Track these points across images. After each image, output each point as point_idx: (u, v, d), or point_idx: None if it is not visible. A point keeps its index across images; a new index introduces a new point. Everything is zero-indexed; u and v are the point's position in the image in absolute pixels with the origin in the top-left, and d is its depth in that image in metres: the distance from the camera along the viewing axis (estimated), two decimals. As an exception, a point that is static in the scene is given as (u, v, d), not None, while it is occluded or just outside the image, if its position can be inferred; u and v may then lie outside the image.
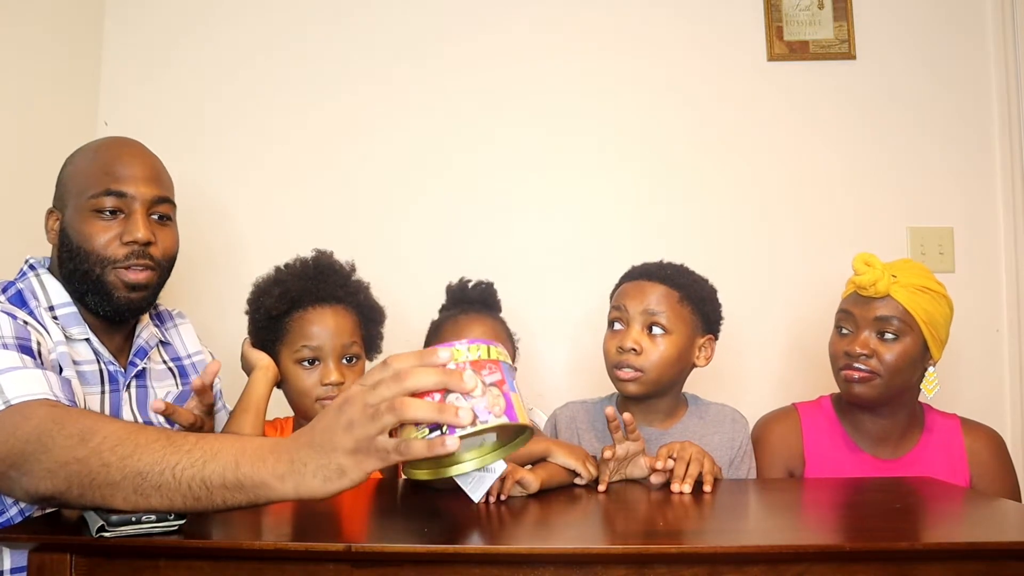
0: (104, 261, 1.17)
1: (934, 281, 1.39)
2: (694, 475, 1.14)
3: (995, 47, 1.93)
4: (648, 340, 1.33)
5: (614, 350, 1.35)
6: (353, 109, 1.93)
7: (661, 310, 1.33)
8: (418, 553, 0.80)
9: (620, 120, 1.94)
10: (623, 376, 1.33)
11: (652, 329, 1.33)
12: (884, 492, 1.17)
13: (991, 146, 1.92)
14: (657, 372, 1.32)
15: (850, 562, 0.82)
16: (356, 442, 0.74)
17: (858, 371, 1.35)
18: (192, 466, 0.79)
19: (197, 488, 0.78)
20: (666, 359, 1.33)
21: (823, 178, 1.92)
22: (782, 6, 1.94)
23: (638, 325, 1.34)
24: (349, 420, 0.74)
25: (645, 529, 0.98)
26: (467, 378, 0.74)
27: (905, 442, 1.41)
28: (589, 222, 1.93)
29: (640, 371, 1.32)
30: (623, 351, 1.33)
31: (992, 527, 1.00)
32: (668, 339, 1.33)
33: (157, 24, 1.95)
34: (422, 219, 1.91)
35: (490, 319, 1.37)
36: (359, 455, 0.74)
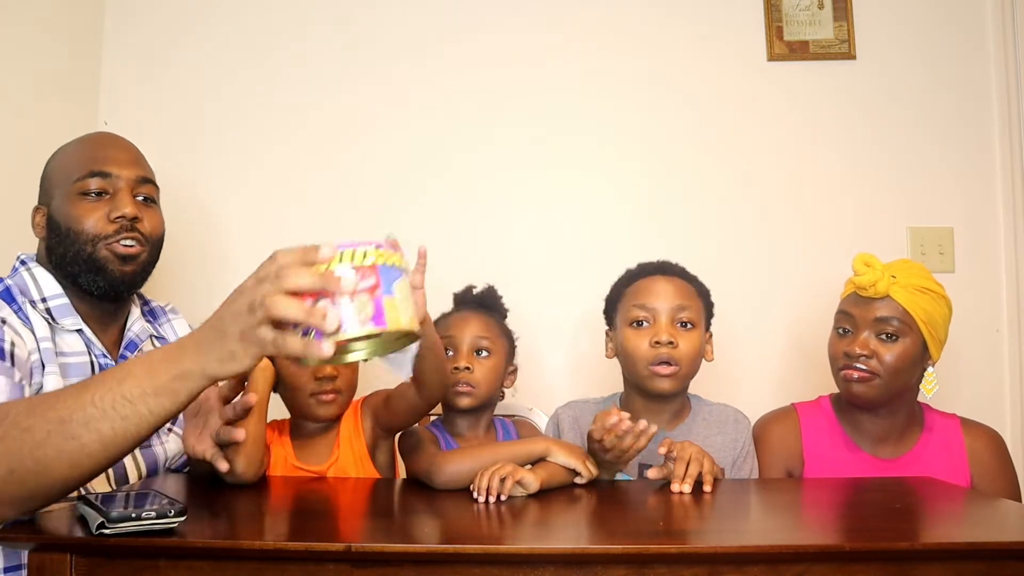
0: (95, 239, 1.19)
1: (933, 281, 1.39)
2: (694, 475, 1.14)
3: (995, 47, 1.93)
4: (679, 333, 1.32)
5: (646, 346, 1.32)
6: (353, 109, 1.93)
7: (687, 303, 1.34)
8: (418, 553, 0.81)
9: (620, 120, 1.94)
10: (662, 372, 1.30)
11: (684, 324, 1.33)
12: (884, 492, 1.17)
13: (991, 146, 1.92)
14: (689, 365, 1.33)
15: (850, 562, 0.82)
16: (241, 331, 0.79)
17: (858, 371, 1.35)
18: (110, 390, 0.81)
19: (120, 407, 0.81)
20: (696, 351, 1.33)
21: (823, 178, 1.92)
22: (782, 6, 1.94)
23: (666, 318, 1.32)
24: (237, 310, 0.79)
25: (645, 529, 0.98)
26: (340, 283, 0.77)
27: (905, 442, 1.41)
28: (589, 222, 1.92)
29: (677, 365, 1.31)
30: (659, 344, 1.30)
31: (992, 527, 1.00)
32: (695, 332, 1.34)
33: (157, 24, 1.95)
34: (423, 219, 1.91)
35: (483, 315, 1.38)
36: (245, 342, 0.79)
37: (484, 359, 1.32)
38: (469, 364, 1.30)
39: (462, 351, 1.32)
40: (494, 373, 1.33)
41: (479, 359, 1.32)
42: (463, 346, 1.32)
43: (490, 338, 1.34)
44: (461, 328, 1.34)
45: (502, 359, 1.35)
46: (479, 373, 1.31)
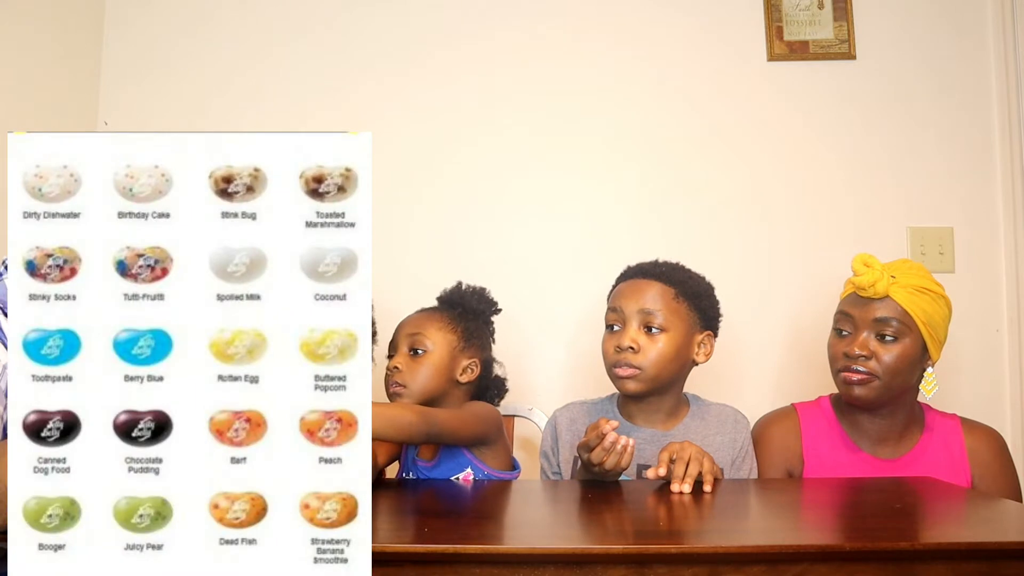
0: None
1: (933, 282, 1.39)
2: (694, 475, 1.14)
3: (995, 47, 1.93)
4: (645, 338, 1.33)
5: (612, 350, 1.35)
6: (353, 109, 1.93)
7: (657, 308, 1.34)
8: (418, 553, 0.81)
9: (620, 120, 1.94)
10: (621, 373, 1.33)
11: (649, 328, 1.34)
12: (884, 492, 1.17)
13: (991, 146, 1.92)
14: (656, 369, 1.32)
15: (850, 562, 0.82)
16: None
17: (857, 373, 1.35)
18: None
19: None
20: (664, 356, 1.33)
21: (823, 178, 1.92)
22: (782, 6, 1.94)
23: (635, 324, 1.34)
24: None
25: (645, 529, 0.98)
26: None
27: (905, 442, 1.41)
28: (588, 222, 1.92)
29: (638, 368, 1.32)
30: (620, 350, 1.33)
31: (993, 527, 1.00)
32: (665, 336, 1.33)
33: (157, 24, 1.95)
34: (423, 219, 1.91)
35: (432, 312, 1.41)
36: None
37: (419, 357, 1.35)
38: (399, 364, 1.34)
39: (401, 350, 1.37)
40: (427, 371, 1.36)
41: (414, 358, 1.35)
42: (402, 345, 1.37)
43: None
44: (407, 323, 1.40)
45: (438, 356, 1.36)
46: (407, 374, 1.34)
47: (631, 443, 1.16)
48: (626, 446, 1.15)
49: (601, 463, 1.15)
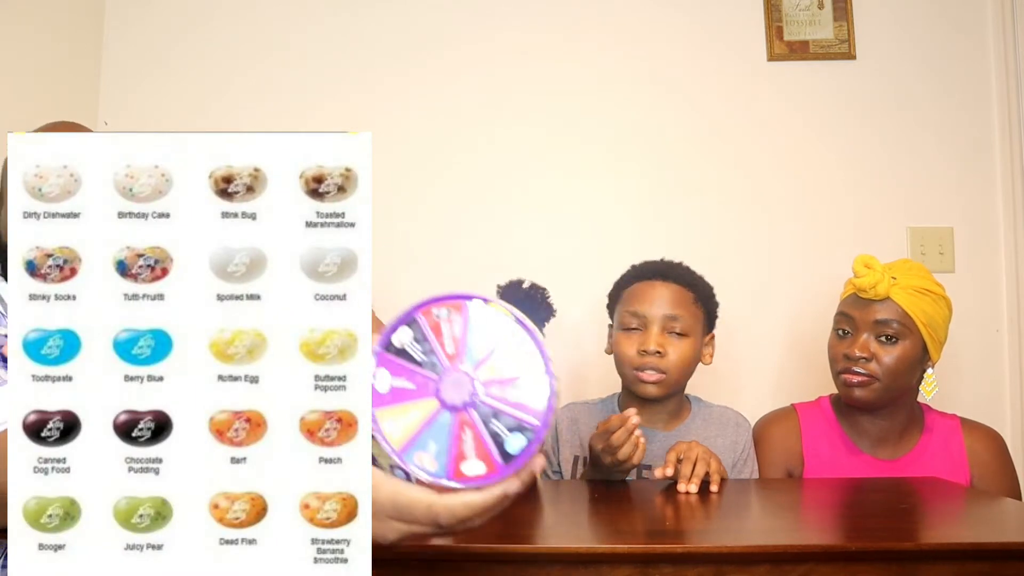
0: None
1: (933, 282, 1.38)
2: (700, 475, 1.14)
3: (995, 47, 1.93)
4: (670, 342, 1.32)
5: (634, 352, 1.33)
6: (353, 110, 1.93)
7: (679, 312, 1.33)
8: (423, 552, 0.80)
9: (620, 120, 1.93)
10: (646, 378, 1.31)
11: (672, 332, 1.33)
12: (887, 492, 1.17)
13: (991, 146, 1.92)
14: (679, 373, 1.32)
15: (854, 562, 0.82)
16: None
17: (857, 375, 1.35)
18: None
19: None
20: (687, 360, 1.33)
21: (823, 178, 1.92)
22: (782, 6, 1.94)
23: (657, 327, 1.32)
24: None
25: (651, 528, 0.98)
26: None
27: (905, 443, 1.41)
28: (589, 222, 1.92)
29: (664, 373, 1.31)
30: (646, 354, 1.31)
31: (995, 527, 1.00)
32: (687, 341, 1.33)
33: (157, 24, 1.95)
34: (423, 219, 1.91)
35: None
36: None
37: None
38: None
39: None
40: None
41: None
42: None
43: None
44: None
45: None
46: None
47: (643, 440, 1.16)
48: (638, 441, 1.15)
49: (619, 447, 1.15)
